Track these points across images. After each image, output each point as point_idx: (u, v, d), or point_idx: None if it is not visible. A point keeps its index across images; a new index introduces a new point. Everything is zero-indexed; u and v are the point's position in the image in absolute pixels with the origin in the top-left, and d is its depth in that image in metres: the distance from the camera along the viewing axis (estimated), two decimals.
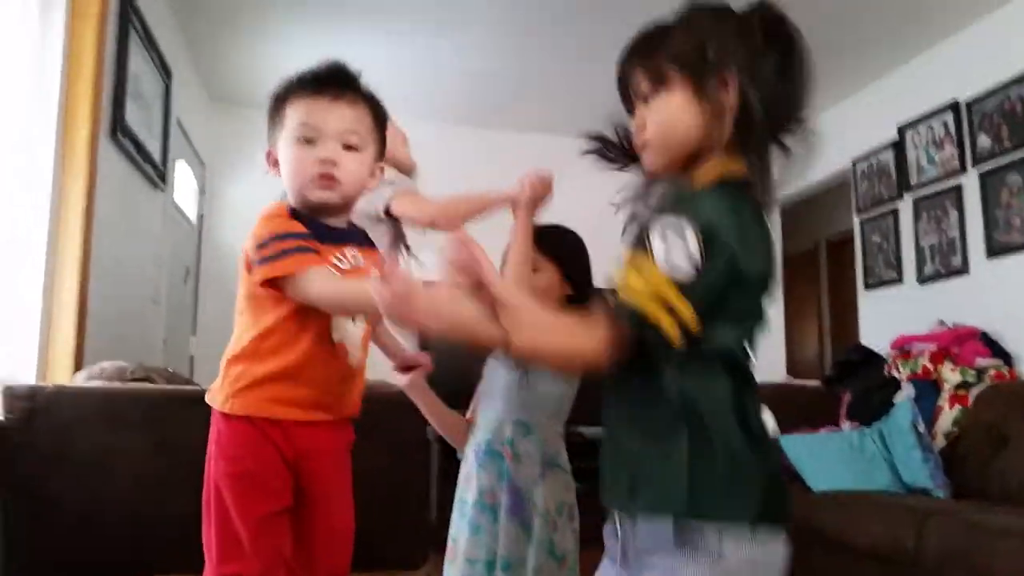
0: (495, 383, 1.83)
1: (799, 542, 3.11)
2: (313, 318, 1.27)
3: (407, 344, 1.81)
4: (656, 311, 0.98)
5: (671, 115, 1.12)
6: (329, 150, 1.27)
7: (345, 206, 1.35)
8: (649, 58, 1.14)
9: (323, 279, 1.22)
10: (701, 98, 1.09)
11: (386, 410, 1.46)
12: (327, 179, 1.27)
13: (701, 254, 0.98)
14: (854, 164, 4.46)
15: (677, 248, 0.99)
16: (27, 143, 2.34)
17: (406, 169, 2.25)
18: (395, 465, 2.07)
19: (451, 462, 2.79)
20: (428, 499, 2.37)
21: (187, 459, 1.93)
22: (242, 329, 1.29)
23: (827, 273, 6.44)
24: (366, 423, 1.40)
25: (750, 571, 1.01)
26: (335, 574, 1.36)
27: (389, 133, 1.46)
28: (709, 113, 1.09)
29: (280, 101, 1.32)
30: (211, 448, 1.29)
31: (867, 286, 4.37)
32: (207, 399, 1.31)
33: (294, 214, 1.28)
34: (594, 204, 1.42)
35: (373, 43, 3.95)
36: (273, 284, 1.22)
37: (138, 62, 3.03)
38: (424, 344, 1.91)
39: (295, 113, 1.29)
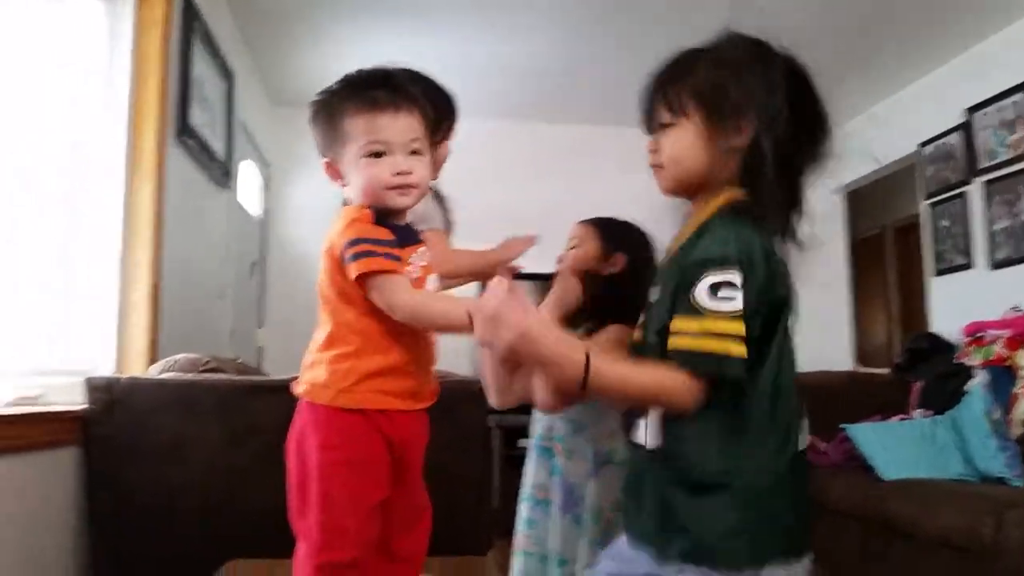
0: None
1: (870, 532, 3.06)
2: None
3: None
4: (722, 345, 1.03)
5: (683, 149, 1.17)
6: (401, 162, 1.32)
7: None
8: (672, 88, 1.18)
9: (410, 290, 1.28)
10: (714, 137, 1.15)
11: (449, 398, 1.48)
12: (405, 187, 1.33)
13: (743, 282, 1.04)
14: (921, 148, 4.33)
15: (737, 292, 1.04)
16: (99, 148, 2.43)
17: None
18: (458, 452, 2.10)
19: (513, 449, 2.81)
20: (490, 486, 2.40)
21: (258, 446, 2.00)
22: (340, 325, 1.33)
23: (895, 259, 6.28)
24: (430, 411, 1.42)
25: None
26: (417, 553, 1.42)
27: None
28: (719, 152, 1.15)
29: (334, 114, 1.35)
30: (311, 439, 1.31)
31: (937, 272, 4.25)
32: (303, 393, 1.33)
33: (377, 219, 1.32)
34: (637, 193, 1.44)
35: (425, 42, 3.99)
36: (362, 282, 1.26)
37: (201, 66, 3.12)
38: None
39: (358, 129, 1.32)
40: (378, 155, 1.32)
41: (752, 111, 1.12)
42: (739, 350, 1.03)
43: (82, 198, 2.35)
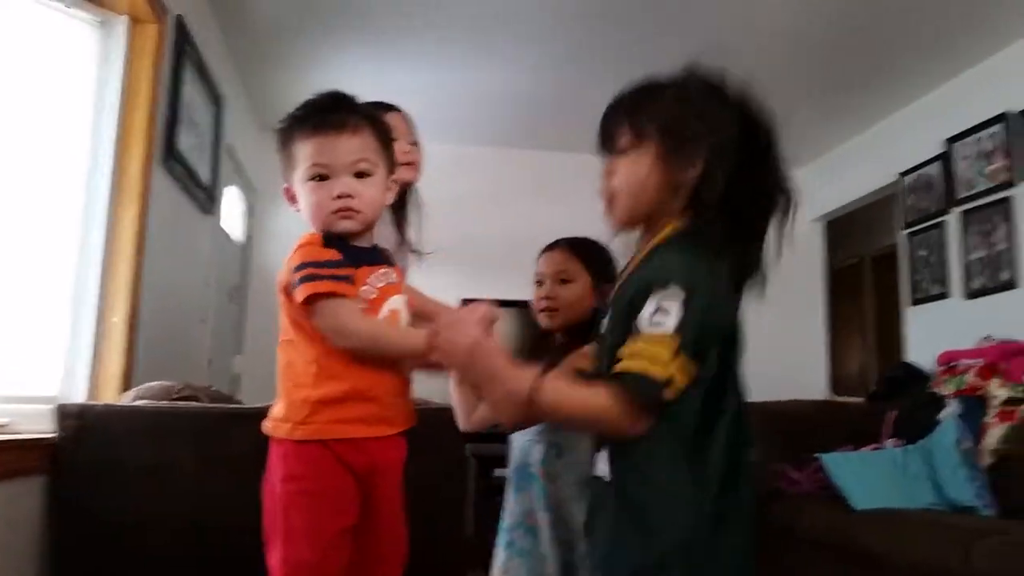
0: None
1: (841, 562, 3.05)
2: None
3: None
4: (641, 365, 1.06)
5: (639, 174, 1.20)
6: (343, 185, 1.31)
7: (368, 229, 1.39)
8: (635, 114, 1.22)
9: (358, 314, 1.26)
10: (669, 167, 1.18)
11: (424, 426, 1.48)
12: (346, 211, 1.32)
13: (687, 312, 1.07)
14: (901, 177, 4.40)
15: (671, 314, 1.07)
16: (84, 170, 2.45)
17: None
18: (433, 481, 2.09)
19: (489, 479, 2.80)
20: (464, 515, 2.40)
21: (231, 475, 2.00)
22: (295, 356, 1.31)
23: (872, 288, 6.34)
24: (406, 440, 1.43)
25: None
26: None
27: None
28: (671, 183, 1.19)
29: (287, 139, 1.36)
30: (274, 471, 1.31)
31: (913, 301, 4.30)
32: (268, 430, 1.33)
33: (327, 242, 1.31)
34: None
35: (415, 70, 4.06)
36: (307, 307, 1.25)
37: (191, 91, 3.14)
38: None
39: (303, 152, 1.32)
40: (323, 178, 1.31)
41: (706, 146, 1.16)
42: (657, 370, 1.06)
43: (63, 220, 2.37)
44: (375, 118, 1.38)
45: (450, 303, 1.89)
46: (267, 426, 1.34)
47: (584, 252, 1.88)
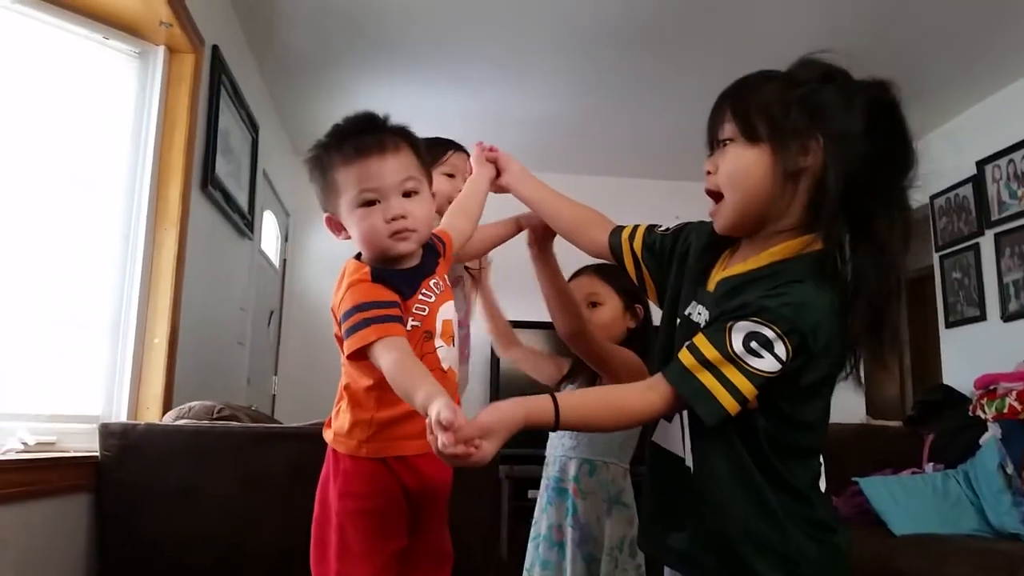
0: None
1: None
2: (421, 352, 1.28)
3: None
4: (719, 389, 1.01)
5: (743, 167, 1.09)
6: (395, 207, 1.27)
7: (421, 246, 1.37)
8: (739, 103, 1.12)
9: (386, 355, 1.17)
10: (777, 158, 1.07)
11: None
12: (403, 232, 1.28)
13: (788, 356, 1.01)
14: (932, 200, 4.36)
15: (758, 352, 1.01)
16: (125, 197, 2.50)
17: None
18: (467, 503, 2.10)
19: (523, 500, 2.78)
20: (499, 537, 2.40)
21: (270, 492, 2.02)
22: (353, 379, 1.30)
23: (907, 311, 6.26)
24: None
25: None
26: None
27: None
28: (782, 174, 1.07)
29: (324, 168, 1.32)
30: (333, 486, 1.30)
31: (948, 324, 4.24)
32: (330, 442, 1.32)
33: (376, 275, 1.27)
34: None
35: (446, 96, 4.11)
36: (358, 358, 1.22)
37: (228, 119, 3.20)
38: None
39: (348, 180, 1.29)
40: (371, 203, 1.27)
41: (820, 131, 1.06)
42: (730, 404, 1.01)
43: (105, 245, 2.42)
44: (408, 133, 1.36)
45: None
46: (329, 437, 1.33)
47: (613, 275, 1.89)
